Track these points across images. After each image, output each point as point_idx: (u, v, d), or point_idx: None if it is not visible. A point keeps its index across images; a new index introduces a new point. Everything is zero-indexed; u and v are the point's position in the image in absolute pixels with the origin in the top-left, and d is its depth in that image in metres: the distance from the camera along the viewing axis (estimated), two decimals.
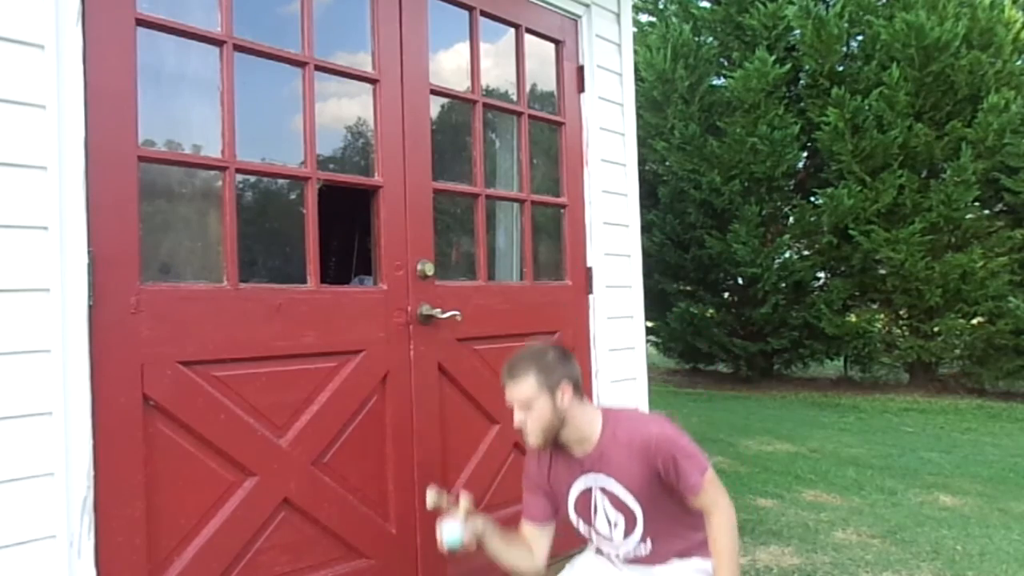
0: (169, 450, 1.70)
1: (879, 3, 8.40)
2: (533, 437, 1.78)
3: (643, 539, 1.79)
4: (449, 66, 2.57)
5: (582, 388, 1.81)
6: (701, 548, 1.80)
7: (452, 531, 1.80)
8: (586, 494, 1.83)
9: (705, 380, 9.84)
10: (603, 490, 1.79)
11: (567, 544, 1.99)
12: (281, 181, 3.21)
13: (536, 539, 1.89)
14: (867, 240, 8.10)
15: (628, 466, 1.74)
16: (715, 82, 9.48)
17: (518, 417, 1.78)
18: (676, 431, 1.76)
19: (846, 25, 8.24)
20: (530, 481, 1.92)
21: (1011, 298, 7.67)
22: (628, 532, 1.80)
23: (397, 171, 2.22)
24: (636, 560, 1.84)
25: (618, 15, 3.01)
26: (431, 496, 1.84)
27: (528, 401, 1.74)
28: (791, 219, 9.30)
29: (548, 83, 2.86)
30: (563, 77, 2.81)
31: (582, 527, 1.89)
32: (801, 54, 8.56)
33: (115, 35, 1.66)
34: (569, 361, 1.82)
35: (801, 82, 8.97)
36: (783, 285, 8.81)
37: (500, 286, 2.61)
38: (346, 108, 2.81)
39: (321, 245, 2.04)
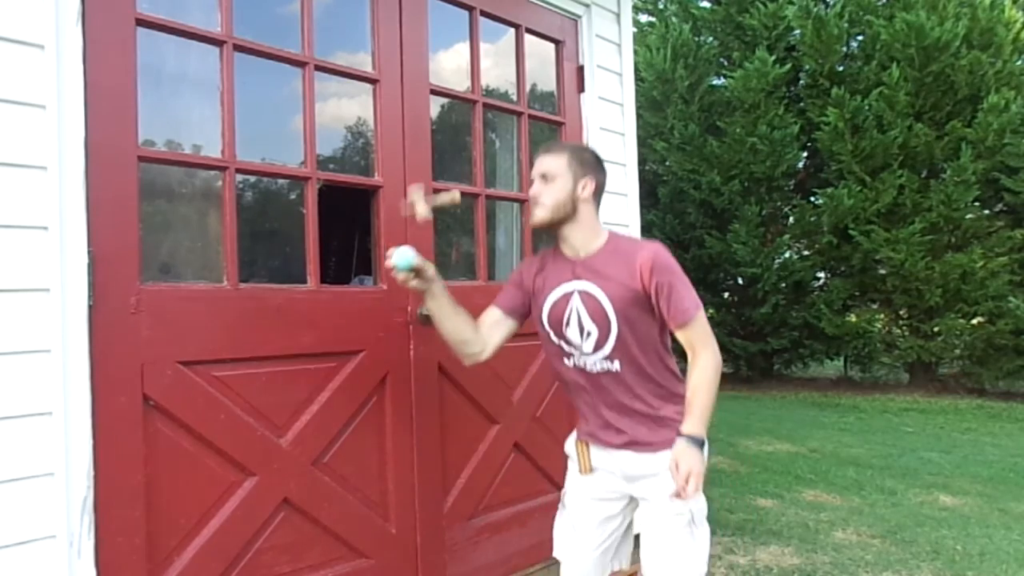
0: (169, 450, 1.70)
1: (879, 3, 8.41)
2: (542, 210, 1.77)
3: (611, 357, 1.76)
4: (449, 66, 2.57)
5: (601, 197, 1.85)
6: (671, 433, 1.73)
7: (405, 253, 1.73)
8: (565, 299, 1.79)
9: None
10: (585, 294, 1.76)
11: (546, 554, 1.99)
12: (281, 181, 3.22)
13: (493, 324, 1.86)
14: (867, 240, 8.10)
15: (619, 277, 1.73)
16: (715, 82, 9.48)
17: (536, 187, 1.78)
18: (676, 265, 1.76)
19: (846, 25, 8.25)
20: (518, 276, 1.91)
21: (1011, 298, 7.68)
22: (599, 345, 1.75)
23: (397, 171, 2.22)
24: (603, 393, 1.80)
25: (618, 15, 3.01)
26: (413, 191, 1.87)
27: (552, 175, 1.77)
28: (791, 219, 9.31)
29: (548, 83, 2.86)
30: (563, 77, 2.81)
31: (552, 338, 1.83)
32: (801, 54, 8.57)
33: (115, 35, 1.66)
34: (602, 168, 1.86)
35: (801, 82, 8.98)
36: (783, 285, 8.81)
37: (500, 286, 2.60)
38: (346, 108, 2.81)
39: (321, 245, 2.04)
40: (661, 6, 10.46)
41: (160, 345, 1.69)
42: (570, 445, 1.95)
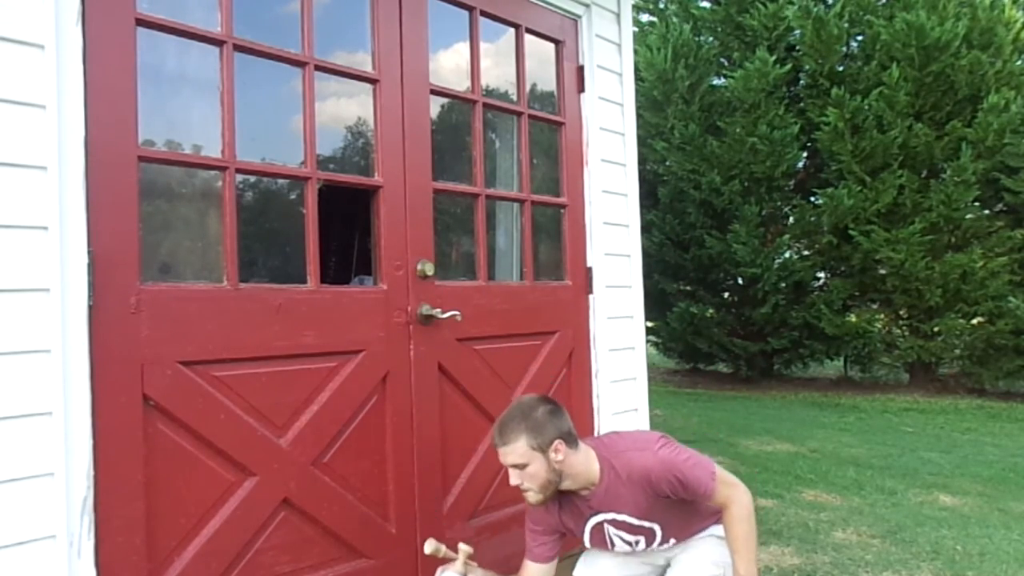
0: (169, 450, 1.70)
1: (879, 3, 8.40)
2: (533, 496, 1.79)
3: (664, 540, 1.88)
4: (449, 66, 2.57)
5: (575, 437, 1.82)
6: (715, 516, 1.89)
7: None
8: (598, 531, 1.87)
9: (705, 380, 9.84)
10: (615, 523, 1.84)
11: (575, 541, 1.99)
12: (281, 181, 3.21)
13: (541, 574, 1.92)
14: (867, 240, 8.10)
15: (634, 498, 1.79)
16: (715, 82, 9.48)
17: (514, 479, 1.79)
18: (670, 452, 1.78)
19: (846, 25, 8.25)
20: (537, 524, 1.93)
21: (1011, 298, 7.67)
22: (649, 544, 1.87)
23: (397, 171, 2.22)
24: (656, 550, 1.94)
25: (618, 15, 3.01)
26: (429, 545, 1.87)
27: (521, 463, 1.76)
28: (791, 219, 9.30)
29: (548, 83, 2.86)
30: (563, 77, 2.81)
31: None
32: (801, 54, 8.56)
33: (115, 35, 1.66)
34: (559, 415, 1.82)
35: (801, 82, 8.98)
36: (783, 285, 8.81)
37: (500, 286, 2.61)
38: (346, 108, 2.81)
39: (321, 245, 2.04)
40: (661, 6, 10.45)
41: (160, 345, 1.69)
42: None
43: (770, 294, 8.77)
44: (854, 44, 8.71)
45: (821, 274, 9.33)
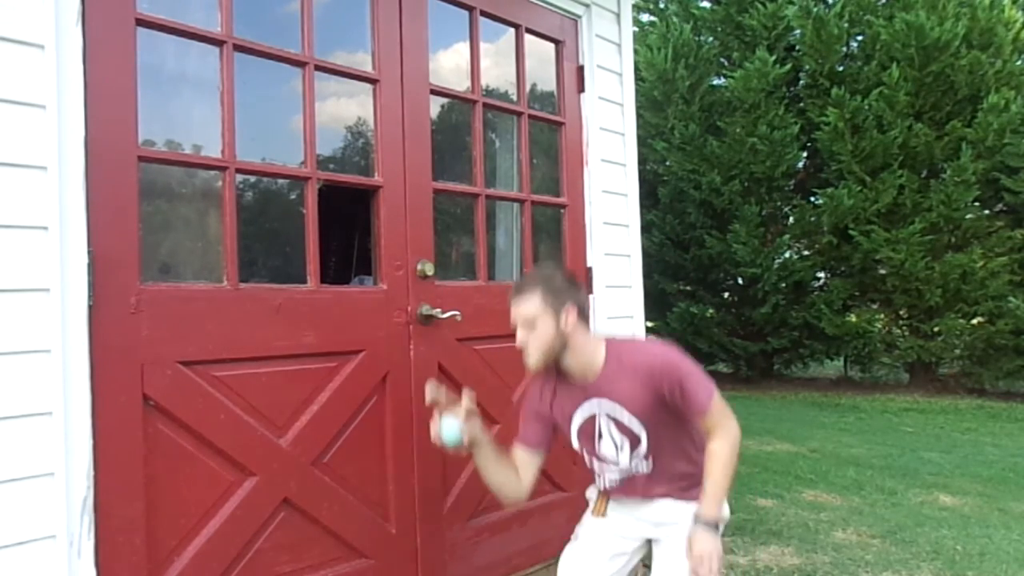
0: (169, 450, 1.70)
1: (879, 3, 8.40)
2: (533, 358, 1.76)
3: (645, 457, 1.80)
4: (449, 66, 2.57)
5: (588, 316, 1.82)
6: (695, 475, 1.81)
7: (452, 428, 1.76)
8: (590, 421, 1.81)
9: None
10: (608, 416, 1.78)
11: (556, 550, 1.99)
12: (281, 181, 3.21)
13: (525, 465, 1.87)
14: (867, 240, 8.10)
15: (632, 391, 1.74)
16: (715, 82, 9.48)
17: (521, 336, 1.76)
18: (680, 356, 1.75)
19: (846, 25, 8.25)
20: (530, 406, 1.90)
21: (1011, 298, 7.68)
22: (632, 452, 1.80)
23: (397, 171, 2.22)
24: (640, 485, 1.84)
25: (618, 15, 3.01)
26: (430, 390, 1.81)
27: (532, 319, 1.73)
28: (791, 219, 9.31)
29: (548, 83, 2.86)
30: (563, 77, 2.81)
31: (585, 454, 1.88)
32: (801, 54, 8.57)
33: (115, 35, 1.66)
34: (577, 287, 1.82)
35: (801, 82, 8.98)
36: (783, 285, 8.81)
37: (500, 286, 2.60)
38: (346, 108, 2.81)
39: (321, 245, 2.04)
40: (662, 6, 10.45)
41: (160, 345, 1.69)
42: (592, 491, 2.01)
43: (770, 294, 8.78)
44: (854, 44, 8.72)
45: (821, 274, 9.34)
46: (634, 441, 1.79)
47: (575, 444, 1.87)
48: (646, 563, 1.99)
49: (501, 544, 2.44)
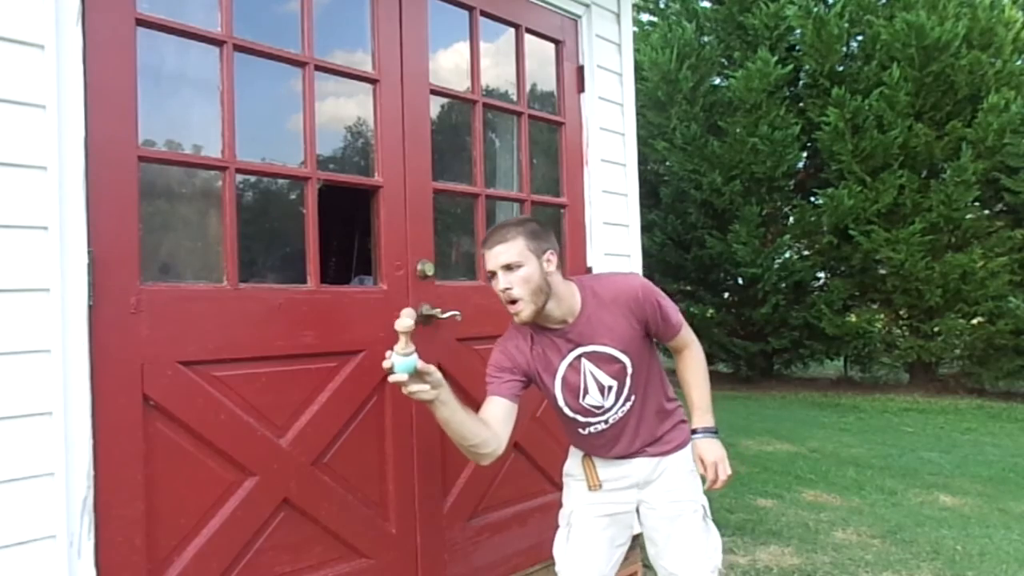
0: (169, 450, 1.70)
1: (879, 3, 8.41)
2: (525, 304, 1.71)
3: (629, 396, 1.81)
4: (449, 66, 2.57)
5: (563, 262, 1.86)
6: (680, 434, 1.88)
7: (405, 357, 1.59)
8: (574, 369, 1.78)
9: None
10: (591, 355, 1.77)
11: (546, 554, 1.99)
12: (281, 181, 3.21)
13: (501, 418, 1.74)
14: (867, 240, 8.10)
15: (614, 324, 1.75)
16: (716, 82, 9.49)
17: (504, 282, 1.70)
18: (647, 280, 1.84)
19: (846, 25, 8.25)
20: (507, 360, 1.80)
21: (1011, 298, 7.68)
22: (619, 393, 1.80)
23: (397, 171, 2.22)
24: (621, 431, 1.84)
25: (618, 15, 3.01)
26: (405, 319, 1.65)
27: (516, 263, 1.70)
28: (791, 219, 9.32)
29: (548, 83, 2.86)
30: (563, 77, 2.81)
31: (569, 410, 1.83)
32: (801, 54, 8.57)
33: (115, 35, 1.66)
34: (550, 232, 1.83)
35: (801, 82, 8.98)
36: (783, 285, 8.82)
37: None
38: (346, 108, 2.81)
39: (321, 245, 2.04)
40: (663, 5, 10.46)
41: (160, 345, 1.69)
42: (573, 465, 1.98)
43: (770, 294, 8.78)
44: (854, 44, 8.72)
45: (821, 274, 9.35)
46: (621, 378, 1.78)
47: (558, 397, 1.81)
48: (646, 563, 1.99)
49: (501, 544, 2.44)
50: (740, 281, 9.51)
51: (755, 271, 8.73)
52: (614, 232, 2.95)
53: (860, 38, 8.61)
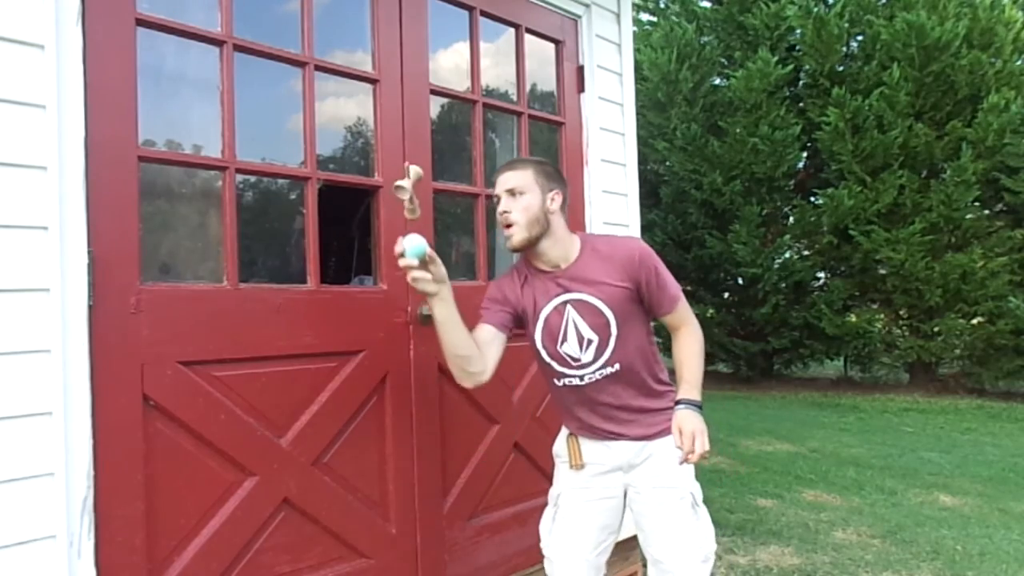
0: (169, 450, 1.70)
1: (879, 3, 8.41)
2: (518, 229, 1.74)
3: (611, 361, 1.78)
4: (449, 66, 2.57)
5: (566, 209, 1.83)
6: (667, 420, 1.81)
7: (417, 239, 1.61)
8: (557, 313, 1.79)
9: (705, 380, 9.76)
10: (578, 303, 1.76)
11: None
12: (281, 181, 3.21)
13: (489, 344, 1.77)
14: (867, 240, 8.10)
15: (607, 278, 1.75)
16: (716, 82, 9.49)
17: (505, 205, 1.75)
18: (651, 250, 1.80)
19: (846, 25, 8.25)
20: (498, 293, 1.85)
21: (1011, 298, 7.68)
22: (599, 352, 1.77)
23: (397, 171, 2.22)
24: (600, 396, 1.81)
25: (618, 15, 3.01)
26: (404, 191, 1.70)
27: (520, 189, 1.74)
28: (791, 219, 9.32)
29: (548, 83, 2.86)
30: (563, 77, 2.81)
31: (546, 354, 1.83)
32: (802, 54, 8.57)
33: (115, 35, 1.66)
34: (564, 180, 1.86)
35: (801, 82, 8.98)
36: (783, 285, 8.82)
37: None
38: (346, 108, 2.81)
39: (321, 245, 2.04)
40: (663, 5, 10.46)
41: (160, 345, 1.69)
42: (559, 444, 1.97)
43: (770, 294, 8.78)
44: (854, 44, 8.72)
45: (821, 274, 9.35)
46: (603, 335, 1.76)
47: (538, 339, 1.82)
48: (645, 564, 1.98)
49: (501, 544, 2.44)
50: (740, 281, 9.51)
51: (755, 271, 8.73)
52: (614, 232, 2.95)
53: (860, 38, 8.62)
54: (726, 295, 10.07)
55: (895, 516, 3.76)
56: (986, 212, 8.54)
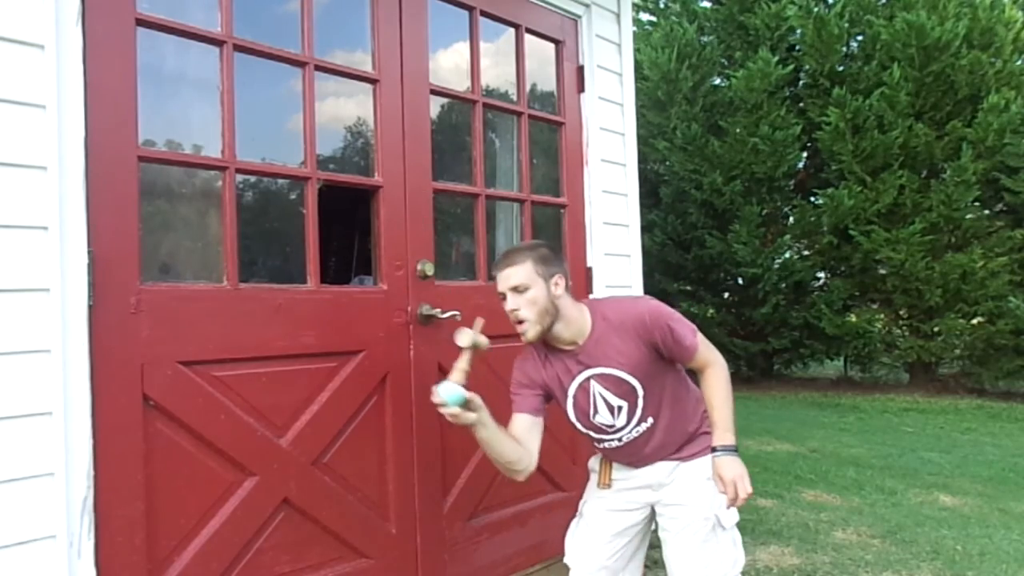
0: (169, 450, 1.70)
1: (879, 3, 8.40)
2: (531, 325, 1.77)
3: (644, 418, 1.82)
4: (449, 66, 2.57)
5: (570, 285, 1.85)
6: (701, 443, 1.86)
7: (452, 389, 1.67)
8: (583, 390, 1.82)
9: None
10: (600, 377, 1.79)
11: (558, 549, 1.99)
12: (281, 181, 3.21)
13: (529, 433, 1.81)
14: (867, 240, 8.10)
15: (623, 347, 1.77)
16: (716, 82, 9.48)
17: (512, 303, 1.77)
18: (659, 303, 1.81)
19: (846, 25, 8.25)
20: (524, 377, 1.87)
21: (1011, 298, 7.67)
22: (631, 414, 1.81)
23: (397, 171, 2.22)
24: (641, 447, 1.86)
25: (618, 15, 3.01)
26: (465, 338, 1.75)
27: (524, 286, 1.76)
28: (791, 219, 9.31)
29: (548, 83, 2.86)
30: (563, 77, 2.81)
31: (581, 427, 1.89)
32: (802, 54, 8.56)
33: (115, 35, 1.66)
34: (561, 258, 1.87)
35: (802, 82, 8.97)
36: (783, 285, 8.81)
37: None
38: (346, 108, 2.81)
39: (321, 245, 2.04)
40: (663, 5, 10.45)
41: (160, 345, 1.69)
42: (594, 460, 2.04)
43: (770, 294, 8.77)
44: (854, 44, 8.71)
45: (821, 274, 9.34)
46: (631, 400, 1.80)
47: (571, 415, 1.88)
48: (653, 560, 2.00)
49: (501, 544, 2.44)
50: (740, 281, 9.50)
51: (755, 271, 8.72)
52: (614, 232, 2.95)
53: (860, 38, 8.60)
54: (726, 295, 10.06)
55: (895, 516, 3.76)
56: (986, 212, 8.53)
